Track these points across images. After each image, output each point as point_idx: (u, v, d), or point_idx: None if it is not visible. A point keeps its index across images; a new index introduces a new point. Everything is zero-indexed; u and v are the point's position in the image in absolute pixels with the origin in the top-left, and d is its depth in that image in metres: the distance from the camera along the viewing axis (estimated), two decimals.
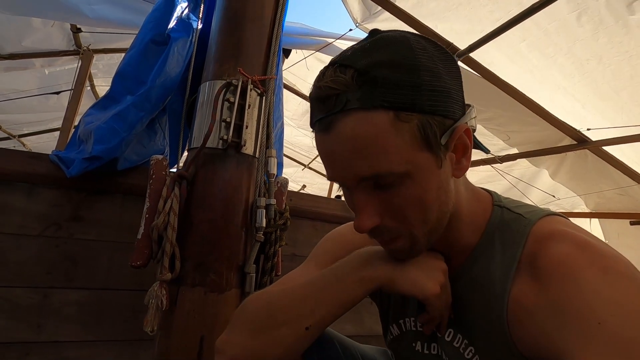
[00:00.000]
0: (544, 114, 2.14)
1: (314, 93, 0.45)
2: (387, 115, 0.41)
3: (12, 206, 0.98)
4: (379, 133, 0.41)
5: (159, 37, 1.12)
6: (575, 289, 0.39)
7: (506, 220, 0.51)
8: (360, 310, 1.39)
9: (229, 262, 0.93)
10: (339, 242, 0.67)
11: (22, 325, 0.95)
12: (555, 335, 0.39)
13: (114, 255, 1.06)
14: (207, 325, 0.87)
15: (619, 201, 2.63)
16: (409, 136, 0.42)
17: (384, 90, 0.41)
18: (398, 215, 0.45)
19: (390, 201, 0.45)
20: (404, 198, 0.44)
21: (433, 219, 0.46)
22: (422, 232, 0.47)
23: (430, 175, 0.44)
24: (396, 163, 0.42)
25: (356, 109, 0.41)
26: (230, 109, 0.97)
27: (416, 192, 0.44)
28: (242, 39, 1.04)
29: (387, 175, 0.43)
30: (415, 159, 0.43)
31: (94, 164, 0.95)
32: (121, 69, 1.10)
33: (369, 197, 0.45)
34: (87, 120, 1.04)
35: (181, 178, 0.95)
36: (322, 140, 0.45)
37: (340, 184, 0.48)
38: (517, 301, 0.45)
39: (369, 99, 0.41)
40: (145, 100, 1.03)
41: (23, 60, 2.32)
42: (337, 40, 2.26)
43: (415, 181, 0.43)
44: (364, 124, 0.41)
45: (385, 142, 0.41)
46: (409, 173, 0.43)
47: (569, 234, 0.44)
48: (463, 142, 0.46)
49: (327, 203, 1.40)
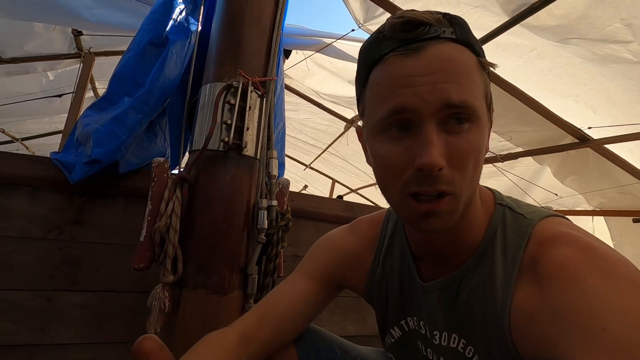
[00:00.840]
0: (544, 112, 2.14)
1: (396, 21, 0.43)
2: (473, 56, 0.44)
3: (15, 210, 0.99)
4: (470, 66, 0.44)
5: (157, 39, 1.11)
6: (579, 294, 0.38)
7: (508, 220, 0.50)
8: (362, 311, 1.39)
9: (231, 263, 0.93)
10: (329, 247, 0.67)
11: (26, 328, 0.96)
12: (558, 340, 0.38)
13: (117, 258, 1.06)
14: (209, 327, 0.86)
15: (621, 199, 2.62)
16: (483, 84, 0.45)
17: (470, 36, 0.45)
18: (459, 163, 0.42)
19: (456, 146, 0.42)
20: (470, 145, 0.43)
21: (474, 183, 0.45)
22: (466, 196, 0.44)
23: (485, 133, 0.46)
24: (478, 102, 0.43)
25: (450, 39, 0.43)
26: (231, 111, 0.97)
27: (479, 142, 0.44)
28: (241, 40, 1.05)
29: (471, 108, 0.42)
30: (484, 108, 0.45)
31: (94, 168, 0.94)
32: (118, 71, 1.10)
33: (439, 134, 0.42)
34: (84, 122, 1.04)
35: (183, 180, 0.95)
36: (404, 64, 0.43)
37: (407, 117, 0.43)
38: (519, 305, 0.44)
39: (462, 35, 0.44)
40: (143, 103, 1.03)
41: (25, 64, 2.33)
42: (338, 40, 2.26)
43: (480, 130, 0.44)
44: (458, 51, 0.43)
45: (473, 76, 0.43)
46: (480, 119, 0.44)
47: (571, 236, 0.44)
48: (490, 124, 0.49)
49: (329, 203, 1.40)
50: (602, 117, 2.01)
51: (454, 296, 0.52)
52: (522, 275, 0.45)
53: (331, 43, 2.26)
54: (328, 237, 0.69)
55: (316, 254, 0.67)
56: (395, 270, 0.61)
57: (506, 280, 0.46)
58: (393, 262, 0.62)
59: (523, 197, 3.06)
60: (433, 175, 0.42)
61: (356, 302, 1.39)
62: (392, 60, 0.44)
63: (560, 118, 2.16)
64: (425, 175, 0.42)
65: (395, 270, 0.61)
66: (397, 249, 0.62)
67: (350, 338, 0.75)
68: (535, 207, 0.52)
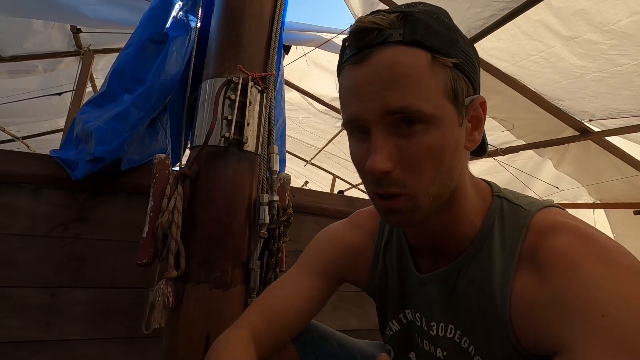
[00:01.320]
0: (545, 105, 2.13)
1: (353, 29, 0.45)
2: (426, 55, 0.42)
3: (18, 207, 1.00)
4: (416, 67, 0.42)
5: (157, 35, 1.11)
6: (578, 282, 0.39)
7: (505, 212, 0.51)
8: (364, 304, 1.40)
9: (234, 258, 0.94)
10: (330, 242, 0.67)
11: (32, 325, 0.97)
12: (558, 327, 0.39)
13: (120, 254, 1.07)
14: (212, 322, 0.88)
15: (622, 191, 2.62)
16: (442, 81, 0.43)
17: (426, 31, 0.43)
18: (411, 165, 0.43)
19: (407, 149, 0.43)
20: (424, 146, 0.43)
21: (442, 181, 0.45)
22: (427, 194, 0.45)
23: (452, 130, 0.44)
24: (426, 103, 0.42)
25: (397, 42, 0.42)
26: (232, 107, 0.97)
27: (436, 143, 0.43)
28: (241, 36, 1.04)
29: (415, 112, 0.42)
30: (444, 107, 0.43)
31: (97, 166, 0.95)
32: (117, 67, 1.09)
33: (388, 138, 0.43)
34: (83, 118, 1.03)
35: (184, 176, 0.96)
36: (352, 74, 0.45)
37: (359, 123, 0.45)
38: (519, 295, 0.45)
39: (410, 35, 0.42)
40: (145, 100, 1.03)
41: (25, 63, 2.33)
42: (337, 35, 2.25)
43: (438, 130, 0.43)
44: (402, 55, 0.42)
45: (420, 78, 0.42)
46: (435, 119, 0.42)
47: (569, 226, 0.44)
48: (479, 114, 0.48)
49: (330, 199, 1.40)
50: (603, 109, 2.00)
51: (452, 288, 0.52)
52: (521, 266, 0.46)
53: (331, 39, 2.26)
54: (327, 231, 0.69)
55: (316, 249, 0.67)
56: (394, 263, 0.61)
57: (505, 271, 0.47)
58: (392, 254, 0.62)
59: (524, 190, 3.06)
60: (382, 178, 0.44)
61: (358, 296, 1.40)
62: (346, 71, 0.46)
63: (560, 110, 2.15)
64: (376, 178, 0.44)
65: (395, 263, 0.61)
66: (395, 242, 0.62)
67: (353, 332, 0.75)
68: (533, 198, 0.53)
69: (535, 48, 1.78)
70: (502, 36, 1.79)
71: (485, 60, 1.98)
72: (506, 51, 1.88)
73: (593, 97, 1.94)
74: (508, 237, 0.48)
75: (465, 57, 0.45)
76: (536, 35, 1.70)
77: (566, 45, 1.68)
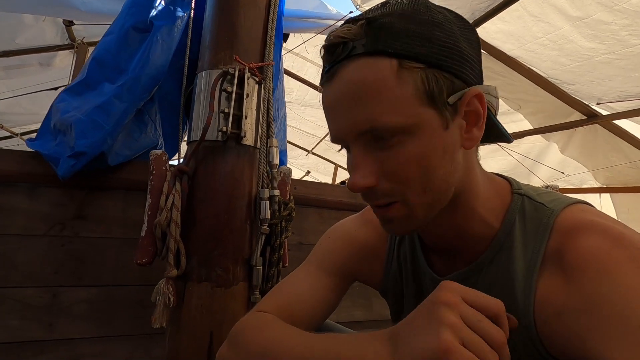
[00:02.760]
0: (552, 89, 2.08)
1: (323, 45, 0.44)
2: (391, 62, 0.40)
3: (15, 207, 0.98)
4: (380, 80, 0.40)
5: (141, 24, 1.06)
6: (612, 287, 0.36)
7: (527, 210, 0.47)
8: (369, 296, 1.39)
9: (235, 256, 0.92)
10: (342, 239, 0.63)
11: (34, 325, 0.96)
12: (589, 337, 0.36)
13: (120, 251, 1.05)
14: (215, 320, 0.87)
15: (628, 174, 2.58)
16: (412, 88, 0.40)
17: (390, 37, 0.40)
18: (396, 176, 0.42)
19: (388, 161, 0.42)
20: (404, 158, 0.41)
21: (435, 188, 0.43)
22: (420, 202, 0.43)
23: (435, 135, 0.41)
24: (396, 115, 0.40)
25: (360, 55, 0.40)
26: (228, 99, 0.94)
27: (418, 152, 0.41)
28: (236, 25, 1.00)
29: (383, 129, 0.40)
30: (418, 114, 0.40)
31: (80, 161, 0.90)
32: (97, 54, 1.04)
33: (366, 154, 0.42)
34: (61, 107, 0.98)
35: (182, 173, 0.93)
36: (325, 94, 0.44)
37: (342, 142, 0.45)
38: (544, 299, 0.42)
39: (373, 44, 0.40)
40: (128, 91, 0.97)
41: (20, 58, 2.29)
42: (336, 22, 2.19)
43: (417, 139, 0.41)
44: (365, 69, 0.40)
45: (385, 91, 0.40)
46: (409, 129, 0.40)
47: (599, 225, 0.41)
48: (475, 108, 0.43)
49: (332, 190, 1.38)
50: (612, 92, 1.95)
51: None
52: (545, 268, 0.43)
53: (331, 25, 2.20)
54: (340, 228, 0.65)
55: (330, 248, 0.63)
56: (409, 263, 0.59)
57: (528, 274, 0.44)
58: (406, 254, 0.59)
59: (528, 176, 3.03)
60: (368, 192, 0.43)
61: (363, 287, 1.38)
62: (322, 90, 0.45)
63: (567, 94, 2.10)
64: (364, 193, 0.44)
65: (409, 263, 0.59)
66: (408, 239, 0.59)
67: (358, 323, 0.74)
68: (557, 194, 0.49)
69: (542, 30, 1.72)
70: (507, 18, 1.73)
71: (490, 44, 1.93)
72: (512, 34, 1.83)
73: (601, 80, 1.88)
74: (530, 238, 0.45)
75: (446, 51, 0.41)
76: (543, 16, 1.64)
77: (575, 26, 1.62)
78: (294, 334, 0.48)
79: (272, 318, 0.53)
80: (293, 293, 0.58)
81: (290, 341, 0.46)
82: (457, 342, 0.32)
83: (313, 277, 0.60)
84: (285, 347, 0.46)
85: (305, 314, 0.56)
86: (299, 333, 0.48)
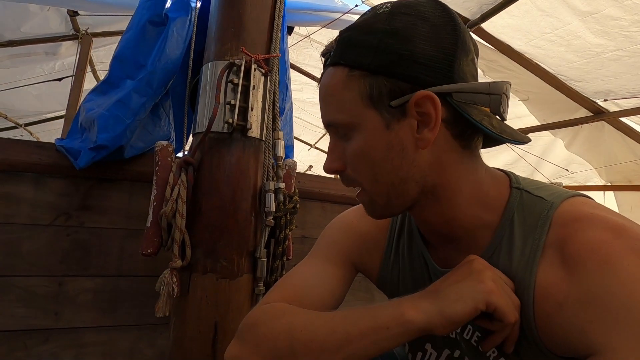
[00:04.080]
0: (559, 85, 2.06)
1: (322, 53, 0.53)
2: (343, 71, 0.47)
3: (21, 197, 0.98)
4: (334, 86, 0.48)
5: (156, 17, 1.07)
6: (613, 279, 0.36)
7: (526, 204, 0.47)
8: (371, 290, 1.39)
9: (240, 247, 0.92)
10: (344, 230, 0.64)
11: (40, 313, 0.97)
12: (590, 328, 0.36)
13: (126, 242, 1.06)
14: (220, 312, 0.88)
15: (634, 171, 2.56)
16: (357, 92, 0.46)
17: (345, 49, 0.48)
18: (352, 165, 0.49)
19: (345, 151, 0.49)
20: (352, 150, 0.48)
21: (385, 180, 0.48)
22: (375, 190, 0.49)
23: (377, 134, 0.46)
24: (342, 114, 0.48)
25: (329, 65, 0.50)
26: (234, 91, 0.93)
27: (361, 147, 0.47)
28: (242, 16, 1.00)
29: (334, 124, 0.49)
30: (360, 115, 0.47)
31: (100, 154, 0.93)
32: (119, 53, 1.06)
33: (335, 143, 0.51)
34: (87, 106, 1.01)
35: (187, 164, 0.93)
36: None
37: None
38: (544, 292, 0.42)
39: (334, 57, 0.49)
40: (146, 85, 0.99)
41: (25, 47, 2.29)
42: (342, 16, 2.17)
43: (361, 136, 0.47)
44: (328, 77, 0.49)
45: (337, 94, 0.48)
46: (353, 126, 0.47)
47: (599, 217, 0.41)
48: (425, 110, 0.44)
49: (335, 184, 1.37)
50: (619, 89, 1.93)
51: None
52: (545, 262, 0.43)
53: (337, 19, 2.18)
54: (343, 219, 0.66)
55: (334, 239, 0.64)
56: (406, 254, 0.59)
57: (527, 267, 0.44)
58: (404, 245, 0.60)
59: (533, 173, 3.01)
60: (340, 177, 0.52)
61: (365, 280, 1.38)
62: None
63: (574, 91, 2.08)
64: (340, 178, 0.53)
65: (406, 254, 0.59)
66: (407, 231, 0.60)
67: None
68: (556, 187, 0.49)
69: (550, 25, 1.70)
70: (515, 12, 1.71)
71: (497, 38, 1.90)
72: (519, 29, 1.80)
73: (609, 78, 1.86)
74: (529, 232, 0.45)
75: (393, 57, 0.44)
76: (552, 10, 1.62)
77: (583, 21, 1.59)
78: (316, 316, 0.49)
79: (286, 305, 0.53)
80: (300, 285, 0.58)
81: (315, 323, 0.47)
82: (496, 287, 0.42)
83: (319, 268, 0.60)
84: (310, 329, 0.47)
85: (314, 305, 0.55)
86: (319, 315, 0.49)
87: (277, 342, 0.47)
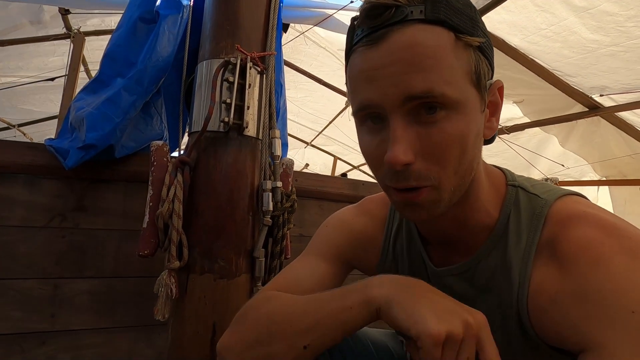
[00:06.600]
0: (554, 81, 2.06)
1: (365, 6, 0.40)
2: (449, 34, 0.39)
3: (15, 199, 0.97)
4: (440, 46, 0.39)
5: (147, 14, 1.05)
6: (605, 276, 0.37)
7: (521, 202, 0.48)
8: None
9: (237, 247, 0.92)
10: (339, 228, 0.64)
11: (36, 316, 0.96)
12: (582, 324, 0.37)
13: (122, 243, 1.05)
14: (218, 312, 0.87)
15: (629, 165, 2.58)
16: (465, 64, 0.40)
17: (449, 9, 0.40)
18: (434, 155, 0.40)
19: (429, 137, 0.40)
20: (447, 134, 0.39)
21: (462, 171, 0.42)
22: (450, 185, 0.42)
23: (475, 116, 0.42)
24: (450, 87, 0.39)
25: (418, 21, 0.39)
26: (230, 89, 0.92)
27: (460, 130, 0.40)
28: (237, 13, 0.98)
29: (440, 96, 0.38)
30: (467, 91, 0.40)
31: (89, 153, 0.91)
32: (109, 50, 1.04)
33: (408, 127, 0.40)
34: (77, 105, 0.99)
35: (183, 164, 0.92)
36: (366, 57, 0.40)
37: (374, 111, 0.42)
38: (538, 288, 0.43)
39: (433, 13, 0.39)
40: (136, 83, 0.98)
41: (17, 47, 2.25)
42: (338, 12, 2.15)
43: (462, 116, 0.40)
44: (425, 34, 0.39)
45: (444, 59, 0.39)
46: (458, 104, 0.39)
47: (591, 215, 0.42)
48: (496, 99, 0.45)
49: (333, 182, 1.37)
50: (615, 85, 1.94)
51: (469, 282, 0.50)
52: (540, 259, 0.44)
53: (331, 15, 2.16)
54: (337, 217, 0.66)
55: (328, 236, 0.64)
56: (405, 254, 0.59)
57: (523, 264, 0.44)
58: (402, 243, 0.60)
59: (528, 168, 3.03)
60: (401, 171, 0.40)
61: (363, 277, 1.39)
62: (358, 53, 0.42)
63: (570, 86, 2.09)
64: (394, 172, 0.41)
65: (405, 253, 0.59)
66: (405, 230, 0.60)
67: None
68: (551, 185, 0.49)
69: (546, 21, 1.70)
70: (511, 7, 1.71)
71: (493, 34, 1.90)
72: (515, 25, 1.80)
73: (604, 73, 1.87)
74: (524, 229, 0.46)
75: (486, 39, 0.43)
76: (547, 6, 1.62)
77: (579, 17, 1.60)
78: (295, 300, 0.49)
79: (275, 292, 0.54)
80: (292, 279, 0.59)
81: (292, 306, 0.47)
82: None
83: (312, 264, 0.60)
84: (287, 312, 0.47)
85: None
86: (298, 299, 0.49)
87: (259, 326, 0.48)
